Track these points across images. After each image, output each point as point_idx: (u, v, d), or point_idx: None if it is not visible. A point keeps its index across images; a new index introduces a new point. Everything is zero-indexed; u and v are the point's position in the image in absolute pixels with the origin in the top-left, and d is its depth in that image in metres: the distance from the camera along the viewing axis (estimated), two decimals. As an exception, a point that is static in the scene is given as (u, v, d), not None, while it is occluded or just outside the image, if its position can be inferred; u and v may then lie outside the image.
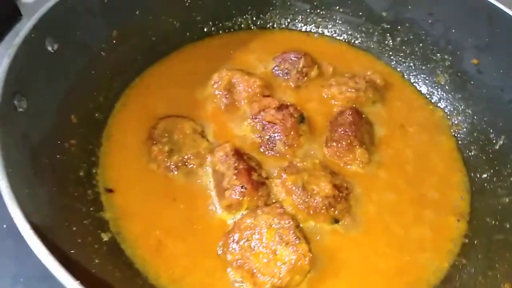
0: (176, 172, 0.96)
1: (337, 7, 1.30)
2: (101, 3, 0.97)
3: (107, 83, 1.05)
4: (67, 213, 0.79)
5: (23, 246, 0.98)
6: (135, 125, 1.03)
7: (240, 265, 0.83)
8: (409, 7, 1.20)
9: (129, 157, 0.98)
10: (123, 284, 0.77)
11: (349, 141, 1.02)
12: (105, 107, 1.04)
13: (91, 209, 0.87)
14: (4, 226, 1.02)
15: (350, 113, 1.06)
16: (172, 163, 0.96)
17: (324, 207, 0.91)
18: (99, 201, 0.90)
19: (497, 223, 0.95)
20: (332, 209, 0.91)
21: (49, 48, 0.83)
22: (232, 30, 1.30)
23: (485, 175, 1.04)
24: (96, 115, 1.01)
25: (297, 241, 0.83)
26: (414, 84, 1.24)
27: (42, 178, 0.75)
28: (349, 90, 1.14)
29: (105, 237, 0.84)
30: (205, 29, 1.26)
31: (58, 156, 0.85)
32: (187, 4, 1.19)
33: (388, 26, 1.26)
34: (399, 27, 1.24)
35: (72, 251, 0.71)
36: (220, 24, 1.28)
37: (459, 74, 1.16)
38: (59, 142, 0.87)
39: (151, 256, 0.85)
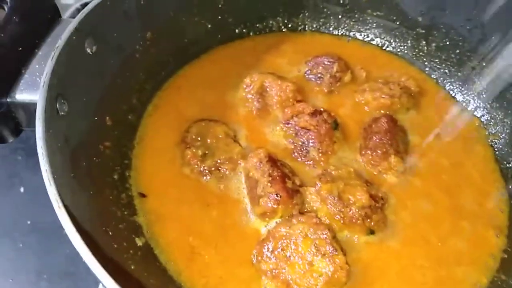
0: (209, 177, 0.95)
1: (370, 11, 1.27)
2: (137, 4, 0.96)
3: (140, 84, 1.04)
4: (103, 218, 0.79)
5: (47, 243, 1.00)
6: (167, 128, 1.03)
7: (276, 275, 0.81)
8: (447, 12, 1.17)
9: (162, 160, 0.97)
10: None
11: (384, 149, 0.99)
12: (138, 109, 1.03)
13: (126, 213, 0.86)
14: (28, 222, 1.03)
15: (386, 120, 1.03)
16: (205, 167, 0.95)
17: (360, 218, 0.89)
18: (132, 205, 0.89)
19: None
20: (368, 219, 0.89)
21: (88, 50, 0.83)
22: (263, 32, 1.28)
23: (523, 188, 1.01)
24: (130, 117, 1.01)
25: (335, 253, 0.81)
26: (450, 91, 1.21)
27: (81, 182, 0.75)
28: (383, 96, 1.11)
29: (139, 242, 0.84)
30: (237, 31, 1.25)
31: (94, 159, 0.85)
32: (220, 6, 1.17)
33: (423, 31, 1.23)
34: (434, 32, 1.21)
35: (110, 257, 0.71)
36: (251, 26, 1.26)
37: (497, 82, 1.13)
38: (95, 144, 0.87)
39: (185, 263, 0.84)
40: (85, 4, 0.84)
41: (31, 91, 0.72)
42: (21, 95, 0.73)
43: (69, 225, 0.56)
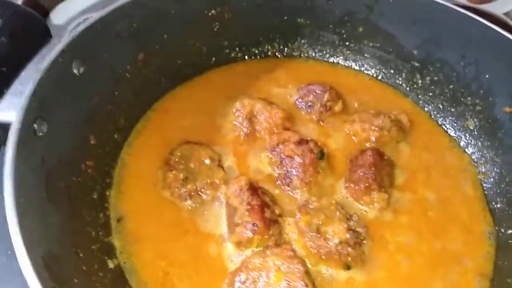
0: (189, 201, 0.95)
1: (367, 41, 1.27)
2: (130, 27, 0.98)
3: (129, 104, 1.05)
4: (76, 238, 0.79)
5: None
6: (153, 149, 1.03)
7: (245, 307, 0.80)
8: (441, 47, 1.16)
9: (144, 182, 0.98)
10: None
11: (367, 184, 0.98)
12: (125, 129, 1.04)
13: (101, 233, 0.87)
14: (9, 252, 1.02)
15: (371, 154, 1.03)
16: (185, 191, 0.95)
17: (337, 253, 0.87)
18: (109, 225, 0.90)
19: (519, 284, 0.89)
20: (346, 254, 0.88)
21: (75, 71, 0.84)
22: (258, 57, 1.29)
23: (510, 231, 0.99)
24: (115, 136, 1.01)
25: (305, 288, 0.80)
26: (442, 126, 1.20)
27: (55, 203, 0.75)
28: (373, 128, 1.10)
29: (111, 264, 0.84)
30: (232, 55, 1.26)
31: (73, 178, 0.85)
32: (215, 29, 1.19)
33: (418, 65, 1.22)
34: (429, 67, 1.20)
35: (76, 280, 0.70)
36: (247, 51, 1.27)
37: (489, 120, 1.11)
38: (76, 164, 0.87)
39: None
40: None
41: (10, 112, 0.73)
42: (1, 115, 0.74)
43: (23, 253, 0.56)
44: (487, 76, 1.10)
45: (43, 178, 0.74)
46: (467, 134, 1.16)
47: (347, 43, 1.29)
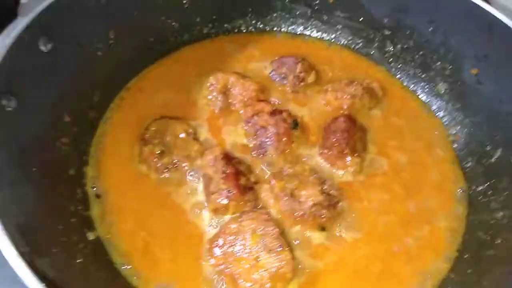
0: (166, 174, 0.96)
1: (338, 12, 1.28)
2: (98, 3, 0.98)
3: (102, 83, 1.05)
4: (54, 212, 0.80)
5: None
6: (129, 125, 1.04)
7: (222, 270, 0.83)
8: (410, 13, 1.18)
9: (121, 157, 0.99)
10: (105, 284, 0.78)
11: (340, 148, 1.01)
12: (100, 107, 1.05)
13: (79, 207, 0.88)
14: None
15: (343, 120, 1.05)
16: (162, 165, 0.96)
17: (311, 215, 0.90)
18: (87, 200, 0.91)
19: (488, 238, 0.93)
20: (320, 216, 0.91)
21: (43, 48, 0.84)
22: (231, 32, 1.30)
23: (480, 188, 1.02)
24: (90, 114, 1.02)
25: (280, 249, 0.82)
26: (413, 92, 1.23)
27: (30, 178, 0.76)
28: (345, 96, 1.13)
29: (92, 236, 0.86)
30: (204, 31, 1.26)
31: (49, 154, 0.86)
32: (186, 6, 1.19)
33: (389, 33, 1.24)
34: (399, 34, 1.23)
35: (54, 250, 0.72)
36: (220, 27, 1.28)
37: (458, 83, 1.14)
38: (50, 140, 0.88)
39: (137, 258, 0.86)
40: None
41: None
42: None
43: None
44: (453, 40, 1.13)
45: (15, 153, 0.74)
46: (438, 98, 1.19)
47: (318, 15, 1.30)
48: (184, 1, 1.18)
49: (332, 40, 1.32)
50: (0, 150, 0.69)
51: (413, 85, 1.23)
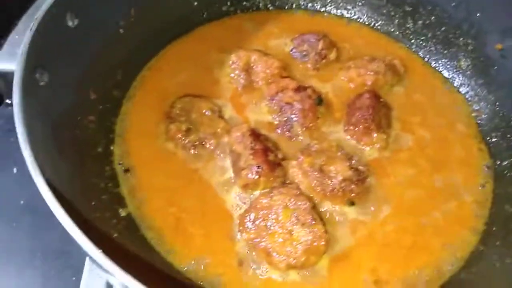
0: (193, 151, 0.96)
1: (358, -12, 1.27)
2: (120, -21, 0.96)
3: (125, 60, 1.04)
4: (86, 188, 0.81)
5: (40, 222, 1.01)
6: (153, 104, 1.04)
7: (255, 244, 0.83)
8: (432, -12, 1.17)
9: (146, 135, 0.98)
10: (139, 259, 0.78)
11: (366, 124, 1.00)
12: (123, 85, 1.04)
13: (109, 185, 0.88)
14: (22, 202, 1.03)
15: (368, 96, 1.04)
16: (189, 142, 0.96)
17: (340, 190, 0.90)
18: (116, 178, 0.91)
19: (516, 211, 0.93)
20: (349, 191, 0.91)
21: (70, 24, 0.83)
22: (250, 10, 1.28)
23: (505, 163, 1.02)
24: (114, 92, 1.01)
25: (313, 222, 0.83)
26: (435, 68, 1.22)
27: (63, 152, 0.76)
28: (368, 73, 1.12)
29: (123, 212, 0.86)
30: (223, 9, 1.25)
31: (77, 131, 0.86)
32: (205, -17, 1.18)
33: (410, 9, 1.23)
34: (421, 10, 1.21)
35: (94, 225, 0.72)
36: (238, 4, 1.26)
37: (481, 59, 1.13)
38: (78, 117, 0.88)
39: (170, 234, 0.86)
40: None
41: (10, 61, 0.73)
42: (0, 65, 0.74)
43: (43, 186, 0.56)
44: (477, 15, 1.12)
45: (49, 128, 0.74)
46: (460, 74, 1.18)
47: (338, -9, 1.29)
48: (204, -22, 1.17)
49: (352, 17, 1.31)
50: (39, 125, 0.68)
51: (434, 62, 1.22)
